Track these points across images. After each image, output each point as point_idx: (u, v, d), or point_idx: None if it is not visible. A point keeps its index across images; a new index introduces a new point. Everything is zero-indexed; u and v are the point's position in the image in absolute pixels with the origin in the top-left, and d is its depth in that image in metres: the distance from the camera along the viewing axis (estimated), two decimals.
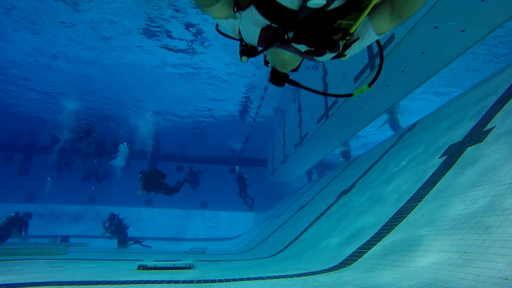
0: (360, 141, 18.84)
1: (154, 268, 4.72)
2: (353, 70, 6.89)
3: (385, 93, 6.96)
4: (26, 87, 14.04)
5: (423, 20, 4.58)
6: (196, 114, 16.69)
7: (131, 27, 10.19)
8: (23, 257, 6.98)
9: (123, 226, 12.81)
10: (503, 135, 3.46)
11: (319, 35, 1.02)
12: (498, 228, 2.37)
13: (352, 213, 5.56)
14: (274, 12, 0.99)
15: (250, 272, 4.33)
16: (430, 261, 2.71)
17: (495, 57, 10.67)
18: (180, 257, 7.45)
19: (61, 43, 11.12)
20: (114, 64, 12.42)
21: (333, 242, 5.00)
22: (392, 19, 1.06)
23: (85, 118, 17.20)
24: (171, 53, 11.64)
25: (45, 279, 3.49)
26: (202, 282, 3.42)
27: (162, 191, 12.34)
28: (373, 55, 5.97)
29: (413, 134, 6.88)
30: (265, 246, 8.92)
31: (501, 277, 1.93)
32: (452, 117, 5.47)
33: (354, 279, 3.10)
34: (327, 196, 8.44)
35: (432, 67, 5.99)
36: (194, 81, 13.58)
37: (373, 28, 1.10)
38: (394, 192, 4.81)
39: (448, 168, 3.94)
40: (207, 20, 9.83)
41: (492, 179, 2.97)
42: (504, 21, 4.65)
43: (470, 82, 10.64)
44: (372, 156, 8.30)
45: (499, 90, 4.54)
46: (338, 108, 7.98)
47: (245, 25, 1.09)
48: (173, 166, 21.05)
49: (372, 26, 1.09)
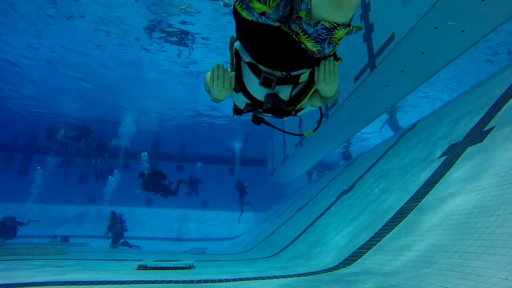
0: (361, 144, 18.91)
1: (154, 268, 4.72)
2: (353, 70, 6.89)
3: (385, 93, 6.96)
4: (26, 87, 14.05)
5: (423, 20, 4.58)
6: (196, 114, 16.71)
7: (133, 26, 10.18)
8: (23, 257, 6.97)
9: (123, 227, 12.81)
10: (503, 135, 3.46)
11: (278, 110, 1.71)
12: (498, 228, 2.37)
13: (352, 213, 5.57)
14: (251, 98, 1.71)
15: (250, 272, 4.33)
16: (430, 260, 2.71)
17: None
18: (180, 257, 7.45)
19: (61, 42, 11.12)
20: (114, 63, 12.42)
21: (334, 241, 5.00)
22: (321, 102, 1.72)
23: (84, 118, 17.22)
24: (172, 52, 11.65)
25: (45, 279, 3.49)
26: (202, 282, 3.42)
27: (161, 192, 12.34)
28: (373, 55, 5.97)
29: (413, 134, 6.88)
30: (265, 246, 8.92)
31: (501, 277, 1.93)
32: (452, 117, 5.47)
33: (352, 277, 3.10)
34: (327, 196, 8.44)
35: (432, 67, 5.98)
36: (194, 81, 13.59)
37: (310, 105, 1.79)
38: (394, 193, 4.81)
39: (448, 168, 3.94)
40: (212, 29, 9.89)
41: (492, 179, 2.97)
42: (504, 21, 4.65)
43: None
44: (372, 156, 8.30)
45: (499, 90, 4.54)
46: (338, 108, 7.98)
47: (237, 99, 1.81)
48: (173, 166, 21.06)
49: (309, 104, 1.79)
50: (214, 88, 1.58)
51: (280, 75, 1.53)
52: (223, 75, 1.56)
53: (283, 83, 1.56)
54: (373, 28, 6.08)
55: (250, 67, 1.57)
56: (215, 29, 10.17)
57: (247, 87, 1.67)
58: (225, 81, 1.56)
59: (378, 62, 5.80)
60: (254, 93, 1.67)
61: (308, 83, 1.64)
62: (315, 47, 1.35)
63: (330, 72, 1.49)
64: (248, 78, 1.63)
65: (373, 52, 5.99)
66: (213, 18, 9.68)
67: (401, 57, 5.54)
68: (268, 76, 1.52)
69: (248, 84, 1.65)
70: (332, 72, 1.50)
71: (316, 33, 1.28)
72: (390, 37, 5.34)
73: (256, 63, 1.53)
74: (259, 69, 1.54)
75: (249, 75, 1.61)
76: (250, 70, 1.57)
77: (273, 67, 1.50)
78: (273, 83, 1.53)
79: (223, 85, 1.56)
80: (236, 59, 1.64)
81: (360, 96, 7.15)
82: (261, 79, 1.54)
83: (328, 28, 1.25)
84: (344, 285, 2.87)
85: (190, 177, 16.08)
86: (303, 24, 1.28)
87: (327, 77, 1.49)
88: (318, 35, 1.29)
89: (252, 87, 1.65)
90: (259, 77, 1.54)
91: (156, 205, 18.19)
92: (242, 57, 1.59)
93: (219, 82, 1.55)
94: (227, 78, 1.57)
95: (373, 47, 6.00)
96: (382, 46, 5.64)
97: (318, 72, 1.51)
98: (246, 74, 1.62)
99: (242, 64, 1.62)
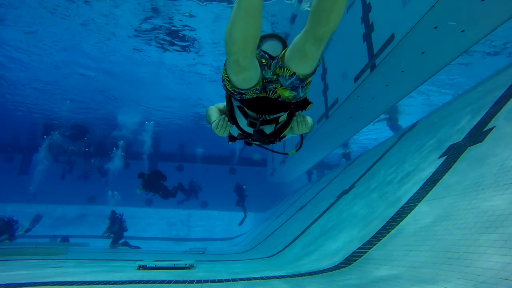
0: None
1: (154, 268, 4.71)
2: (353, 70, 6.89)
3: (385, 93, 6.96)
4: (26, 86, 14.04)
5: (423, 20, 4.58)
6: (196, 114, 16.71)
7: (131, 26, 10.19)
8: (23, 257, 6.97)
9: (122, 227, 12.79)
10: (503, 135, 3.46)
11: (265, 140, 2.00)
12: (498, 228, 2.37)
13: (351, 214, 5.57)
14: (242, 131, 2.04)
15: (250, 272, 4.33)
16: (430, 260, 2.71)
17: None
18: (180, 257, 7.44)
19: (61, 42, 11.12)
20: (114, 63, 12.43)
21: (334, 242, 5.00)
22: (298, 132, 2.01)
23: (83, 118, 17.22)
24: (172, 51, 11.66)
25: (45, 279, 3.49)
26: (202, 282, 3.42)
27: (160, 193, 12.32)
28: (373, 55, 5.97)
29: (413, 134, 6.88)
30: (265, 246, 8.92)
31: (501, 277, 1.93)
32: (452, 117, 5.46)
33: (353, 277, 3.10)
34: (327, 196, 8.44)
35: (432, 67, 5.98)
36: (195, 80, 13.59)
37: (291, 134, 2.11)
38: (394, 193, 4.81)
39: (448, 168, 3.94)
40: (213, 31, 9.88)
41: (493, 179, 2.97)
42: (504, 21, 4.65)
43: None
44: (372, 156, 8.30)
45: (499, 90, 4.54)
46: (338, 108, 7.97)
47: (231, 129, 2.11)
48: (173, 166, 21.05)
49: (290, 133, 2.11)
50: (216, 132, 1.98)
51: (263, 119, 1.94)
52: (225, 126, 1.94)
53: (266, 123, 1.97)
54: (373, 28, 6.08)
55: (239, 109, 1.95)
56: (216, 29, 10.19)
57: (239, 123, 2.03)
58: (225, 130, 1.96)
59: (378, 62, 5.80)
60: (244, 128, 2.03)
61: (287, 121, 2.04)
62: (292, 94, 1.72)
63: (301, 122, 1.95)
64: (238, 117, 2.00)
65: (373, 52, 5.99)
66: (214, 19, 9.70)
67: (401, 57, 5.54)
68: (253, 120, 1.93)
69: (239, 121, 2.02)
70: (303, 122, 1.95)
71: (292, 84, 1.65)
72: (390, 37, 5.34)
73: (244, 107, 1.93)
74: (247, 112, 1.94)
75: (239, 116, 1.99)
76: (240, 112, 1.96)
77: (257, 113, 1.91)
78: (257, 125, 1.94)
79: (224, 133, 1.97)
80: (229, 102, 2.00)
81: (360, 96, 7.15)
82: (248, 122, 1.95)
83: (300, 78, 1.62)
84: (344, 285, 2.87)
85: (190, 182, 15.90)
86: (280, 79, 1.67)
87: (300, 127, 1.96)
88: (293, 85, 1.66)
89: (242, 123, 2.01)
90: (246, 118, 1.94)
91: (156, 205, 18.19)
92: (233, 102, 1.96)
93: (221, 131, 1.95)
94: (228, 128, 1.96)
95: (373, 47, 6.00)
96: (382, 46, 5.64)
97: (292, 124, 1.98)
98: (237, 114, 2.00)
99: (234, 106, 1.99)
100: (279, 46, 1.83)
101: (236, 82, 1.62)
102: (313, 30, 1.37)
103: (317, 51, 1.45)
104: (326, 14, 1.30)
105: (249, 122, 1.94)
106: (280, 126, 2.04)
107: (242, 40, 1.39)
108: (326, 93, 8.92)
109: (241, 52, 1.43)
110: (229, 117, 2.04)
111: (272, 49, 1.78)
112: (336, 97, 8.07)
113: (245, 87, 1.65)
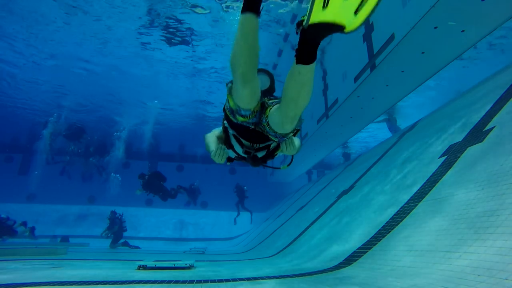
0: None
1: (154, 268, 4.71)
2: (353, 70, 6.89)
3: (385, 93, 6.96)
4: (26, 86, 14.05)
5: (423, 20, 4.58)
6: (196, 113, 16.71)
7: (133, 22, 10.16)
8: (23, 257, 6.97)
9: (122, 227, 12.79)
10: (503, 135, 3.46)
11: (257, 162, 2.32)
12: (498, 228, 2.37)
13: (350, 215, 5.57)
14: (238, 154, 2.32)
15: (250, 272, 4.33)
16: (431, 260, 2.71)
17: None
18: (180, 257, 7.44)
19: (60, 41, 11.12)
20: (114, 62, 12.42)
21: (334, 242, 5.00)
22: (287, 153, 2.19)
23: (84, 118, 17.21)
24: (173, 51, 11.65)
25: (45, 279, 3.49)
26: (202, 282, 3.42)
27: (160, 194, 12.32)
28: (373, 55, 5.97)
29: (413, 134, 6.88)
30: (265, 246, 8.92)
31: (501, 277, 1.93)
32: (452, 117, 5.46)
33: (353, 277, 3.10)
34: (327, 196, 8.44)
35: (432, 67, 5.99)
36: (195, 79, 13.59)
37: (282, 152, 2.27)
38: (394, 193, 4.81)
39: (448, 168, 3.94)
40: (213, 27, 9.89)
41: (493, 179, 2.97)
42: (504, 21, 4.65)
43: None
44: (372, 156, 8.30)
45: (499, 90, 4.54)
46: (338, 108, 7.98)
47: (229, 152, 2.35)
48: (173, 166, 21.06)
49: (280, 152, 2.31)
50: (214, 160, 2.22)
51: (256, 147, 2.24)
52: (223, 154, 2.21)
53: (259, 150, 2.26)
54: (373, 28, 6.08)
55: (235, 138, 2.22)
56: (217, 27, 10.17)
57: (235, 148, 2.30)
58: (223, 158, 2.23)
59: (378, 62, 5.80)
60: (240, 153, 2.31)
61: (277, 146, 2.30)
62: (275, 139, 2.07)
63: (289, 144, 2.14)
64: (234, 144, 2.27)
65: (373, 52, 5.99)
66: (215, 16, 9.68)
67: (401, 57, 5.54)
68: (247, 149, 2.23)
69: (234, 146, 2.29)
70: (290, 144, 2.14)
71: (275, 136, 1.96)
72: (390, 37, 5.34)
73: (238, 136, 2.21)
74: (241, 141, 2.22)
75: (234, 143, 2.26)
76: (235, 140, 2.23)
77: (250, 142, 2.19)
78: (252, 153, 2.25)
79: (222, 160, 2.24)
80: (225, 132, 2.28)
81: (360, 96, 7.15)
82: (243, 150, 2.25)
83: (283, 134, 1.91)
84: (344, 285, 2.87)
85: (190, 185, 15.88)
86: (267, 129, 1.94)
87: (288, 148, 2.16)
88: (276, 136, 1.97)
89: (237, 149, 2.29)
90: (242, 147, 2.23)
91: (156, 205, 18.18)
92: (229, 131, 2.22)
93: (219, 159, 2.22)
94: (225, 156, 2.23)
95: (373, 47, 6.01)
96: (382, 46, 5.64)
97: (281, 146, 2.20)
98: (233, 141, 2.27)
99: (230, 135, 2.25)
100: (267, 80, 2.21)
101: (243, 96, 1.73)
102: (285, 112, 1.64)
103: (292, 125, 1.72)
104: (294, 101, 1.52)
105: (244, 151, 2.25)
106: (271, 150, 2.33)
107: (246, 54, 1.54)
108: (326, 93, 8.92)
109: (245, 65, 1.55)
110: (226, 144, 2.31)
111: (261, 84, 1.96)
112: (336, 97, 8.08)
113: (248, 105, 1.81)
